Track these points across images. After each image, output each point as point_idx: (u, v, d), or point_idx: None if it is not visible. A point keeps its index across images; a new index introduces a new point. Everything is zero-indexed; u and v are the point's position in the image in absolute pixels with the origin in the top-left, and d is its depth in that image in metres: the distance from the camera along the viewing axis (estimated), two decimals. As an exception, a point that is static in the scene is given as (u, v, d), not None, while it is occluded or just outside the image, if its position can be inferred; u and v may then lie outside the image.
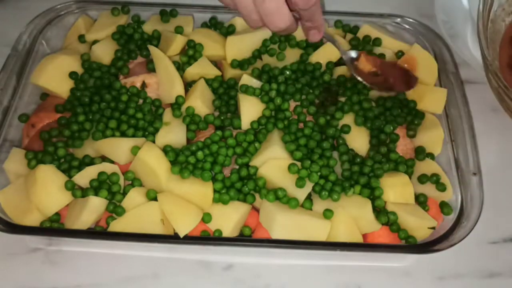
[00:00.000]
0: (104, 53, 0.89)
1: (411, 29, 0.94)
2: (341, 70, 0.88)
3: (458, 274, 0.77)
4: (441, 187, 0.77)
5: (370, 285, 0.75)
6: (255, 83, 0.85)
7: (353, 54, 0.86)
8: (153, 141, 0.79)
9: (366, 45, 0.91)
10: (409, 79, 0.85)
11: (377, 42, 0.91)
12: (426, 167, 0.80)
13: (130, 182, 0.76)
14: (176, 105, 0.82)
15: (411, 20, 0.95)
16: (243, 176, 0.76)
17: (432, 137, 0.82)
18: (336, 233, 0.72)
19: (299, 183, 0.74)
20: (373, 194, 0.75)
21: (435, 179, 0.78)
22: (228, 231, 0.72)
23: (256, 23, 0.71)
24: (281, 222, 0.71)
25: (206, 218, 0.73)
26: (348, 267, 0.76)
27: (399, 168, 0.78)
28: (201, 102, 0.82)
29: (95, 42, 0.91)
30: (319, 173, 0.76)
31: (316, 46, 0.90)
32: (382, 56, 0.90)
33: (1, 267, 0.75)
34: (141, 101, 0.84)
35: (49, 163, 0.76)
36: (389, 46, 0.92)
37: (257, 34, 0.91)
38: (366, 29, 0.93)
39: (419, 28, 0.94)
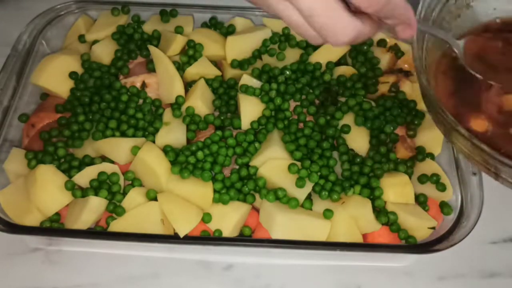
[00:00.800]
0: (104, 53, 0.89)
1: (411, 29, 0.94)
2: (341, 70, 0.88)
3: (458, 274, 0.77)
4: (441, 187, 0.77)
5: (370, 285, 0.75)
6: (255, 83, 0.85)
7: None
8: (153, 141, 0.79)
9: (364, 45, 0.91)
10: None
11: (382, 43, 0.91)
12: (426, 167, 0.80)
13: (130, 182, 0.76)
14: (176, 105, 0.82)
15: (411, 20, 0.94)
16: (243, 176, 0.76)
17: (432, 137, 0.82)
18: (336, 233, 0.72)
19: (299, 183, 0.74)
20: (373, 194, 0.75)
21: (435, 179, 0.78)
22: (228, 231, 0.72)
23: (317, 39, 0.56)
24: (281, 222, 0.71)
25: (206, 218, 0.73)
26: (348, 267, 0.76)
27: (399, 168, 0.78)
28: (201, 102, 0.82)
29: (95, 42, 0.91)
30: (319, 173, 0.76)
31: (316, 46, 0.90)
32: (372, 56, 0.89)
33: (1, 267, 0.75)
34: (141, 101, 0.84)
35: (49, 163, 0.76)
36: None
37: (257, 34, 0.91)
38: (366, 29, 0.93)
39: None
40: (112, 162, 0.78)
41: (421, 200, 0.76)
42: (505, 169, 0.63)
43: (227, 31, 0.93)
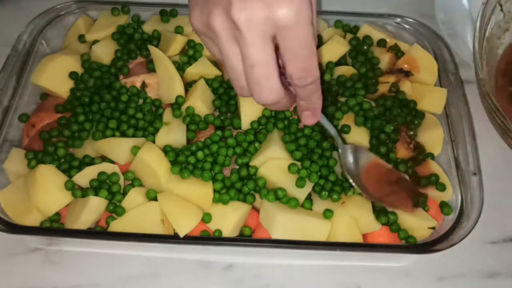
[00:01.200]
0: (104, 53, 0.89)
1: (411, 29, 0.94)
2: (341, 70, 0.88)
3: (458, 274, 0.77)
4: (441, 187, 0.77)
5: (370, 285, 0.75)
6: (255, 83, 0.85)
7: (354, 157, 0.74)
8: (153, 141, 0.79)
9: (364, 45, 0.91)
10: (415, 195, 0.75)
11: (382, 43, 0.91)
12: (426, 167, 0.80)
13: (130, 182, 0.76)
14: (176, 105, 0.82)
15: (411, 20, 0.95)
16: (243, 176, 0.76)
17: (432, 137, 0.82)
18: (336, 233, 0.72)
19: (299, 183, 0.74)
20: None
21: (434, 179, 0.78)
22: (228, 231, 0.72)
23: (244, 91, 0.61)
24: (281, 222, 0.71)
25: (206, 218, 0.73)
26: (348, 267, 0.76)
27: (399, 168, 0.78)
28: (201, 102, 0.82)
29: (95, 42, 0.91)
30: (319, 173, 0.76)
31: (316, 46, 0.90)
32: (372, 56, 0.90)
33: (1, 267, 0.75)
34: (141, 101, 0.84)
35: (49, 163, 0.76)
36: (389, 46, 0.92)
37: (257, 34, 0.91)
38: (366, 29, 0.93)
39: (419, 28, 0.94)
40: (112, 162, 0.78)
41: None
42: None
43: (227, 31, 0.93)
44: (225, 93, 0.85)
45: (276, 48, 0.57)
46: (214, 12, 0.55)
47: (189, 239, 0.71)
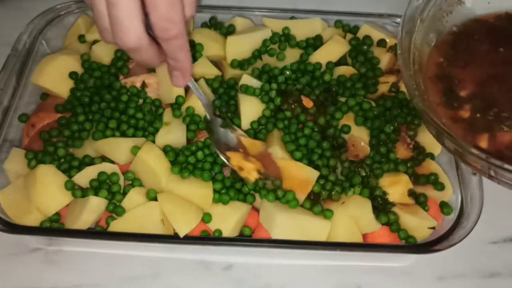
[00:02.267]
0: (104, 53, 0.89)
1: (411, 29, 0.94)
2: (341, 70, 0.88)
3: (458, 274, 0.77)
4: (440, 187, 0.77)
5: (370, 285, 0.75)
6: (255, 83, 0.85)
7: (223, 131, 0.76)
8: (153, 141, 0.79)
9: (364, 45, 0.91)
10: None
11: (382, 43, 0.91)
12: (426, 167, 0.80)
13: (130, 182, 0.76)
14: (176, 105, 0.82)
15: (411, 20, 0.94)
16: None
17: (432, 137, 0.82)
18: (336, 233, 0.73)
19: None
20: (373, 194, 0.75)
21: (433, 178, 0.78)
22: (228, 231, 0.72)
23: (107, 34, 0.59)
24: (281, 222, 0.71)
25: (206, 218, 0.73)
26: (348, 267, 0.76)
27: (399, 168, 0.78)
28: (201, 102, 0.82)
29: (95, 42, 0.91)
30: (319, 173, 0.76)
31: (316, 46, 0.90)
32: (372, 56, 0.90)
33: (1, 267, 0.75)
34: (141, 101, 0.84)
35: (49, 163, 0.76)
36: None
37: (257, 34, 0.91)
38: (366, 29, 0.93)
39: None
40: (112, 162, 0.78)
41: (421, 200, 0.76)
42: (500, 171, 0.64)
43: (227, 31, 0.93)
44: (225, 93, 0.86)
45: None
46: None
47: (189, 239, 0.71)
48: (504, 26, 0.81)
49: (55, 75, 0.85)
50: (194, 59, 0.87)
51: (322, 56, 0.89)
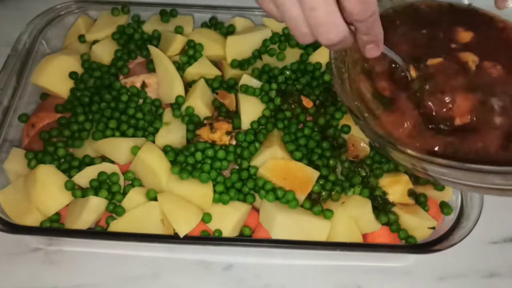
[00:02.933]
0: (104, 53, 0.89)
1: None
2: (341, 70, 0.88)
3: (458, 274, 0.77)
4: (441, 187, 0.77)
5: (370, 285, 0.75)
6: (255, 83, 0.85)
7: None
8: (153, 141, 0.79)
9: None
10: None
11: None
12: (426, 167, 0.80)
13: (130, 182, 0.76)
14: (176, 105, 0.82)
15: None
16: (243, 176, 0.76)
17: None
18: (336, 233, 0.73)
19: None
20: (373, 194, 0.75)
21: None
22: (228, 231, 0.72)
23: (306, 37, 0.60)
24: (281, 222, 0.71)
25: (206, 218, 0.73)
26: (348, 267, 0.76)
27: (399, 168, 0.78)
28: (201, 102, 0.82)
29: (95, 42, 0.91)
30: (319, 173, 0.76)
31: (316, 46, 0.90)
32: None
33: (1, 267, 0.75)
34: (141, 101, 0.84)
35: (49, 163, 0.76)
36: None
37: (257, 34, 0.91)
38: (366, 29, 0.93)
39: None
40: (112, 162, 0.78)
41: (421, 200, 0.76)
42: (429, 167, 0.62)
43: (227, 31, 0.93)
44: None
45: None
46: None
47: (189, 239, 0.71)
48: (434, 16, 0.77)
49: (55, 75, 0.85)
50: (194, 59, 0.87)
51: (322, 56, 0.89)
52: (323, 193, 0.75)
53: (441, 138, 0.63)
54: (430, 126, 0.64)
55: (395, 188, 0.76)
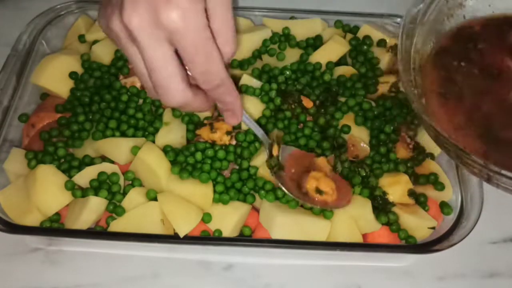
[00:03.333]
0: (104, 53, 0.89)
1: (411, 29, 0.94)
2: (341, 70, 0.88)
3: (458, 274, 0.77)
4: (440, 186, 0.77)
5: (370, 285, 0.75)
6: (255, 83, 0.85)
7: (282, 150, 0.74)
8: (153, 141, 0.79)
9: (364, 45, 0.91)
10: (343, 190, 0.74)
11: (382, 43, 0.91)
12: (426, 167, 0.80)
13: (130, 182, 0.76)
14: (176, 105, 0.82)
15: (411, 20, 0.94)
16: (243, 176, 0.76)
17: (432, 137, 0.82)
18: (336, 233, 0.72)
19: (299, 183, 0.74)
20: (373, 194, 0.75)
21: (433, 178, 0.78)
22: (228, 231, 0.72)
23: (152, 92, 0.60)
24: (281, 222, 0.71)
25: (206, 218, 0.73)
26: (348, 267, 0.76)
27: (399, 168, 0.78)
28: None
29: (95, 42, 0.91)
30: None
31: (316, 46, 0.90)
32: (372, 56, 0.89)
33: (1, 267, 0.75)
34: (141, 101, 0.84)
35: (49, 163, 0.76)
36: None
37: (257, 34, 0.91)
38: (366, 29, 0.93)
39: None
40: (112, 162, 0.78)
41: (421, 200, 0.76)
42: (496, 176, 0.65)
43: (227, 31, 0.93)
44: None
45: None
46: (112, 15, 0.55)
47: (189, 239, 0.71)
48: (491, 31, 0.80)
49: (55, 75, 0.85)
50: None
51: (322, 56, 0.89)
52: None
53: None
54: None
55: (395, 188, 0.76)
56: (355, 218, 0.73)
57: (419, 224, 0.74)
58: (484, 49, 0.77)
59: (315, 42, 0.91)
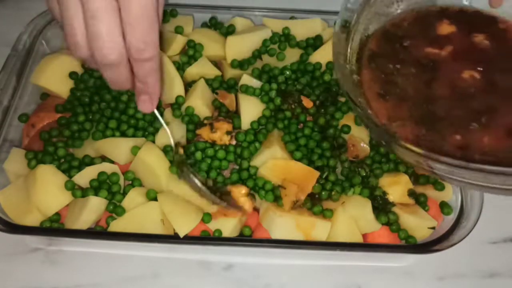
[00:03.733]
0: (104, 53, 0.89)
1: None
2: (341, 70, 0.88)
3: (458, 274, 0.77)
4: (440, 186, 0.77)
5: (370, 285, 0.75)
6: (255, 83, 0.85)
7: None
8: (153, 141, 0.79)
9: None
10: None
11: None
12: (426, 167, 0.80)
13: (130, 182, 0.76)
14: (176, 105, 0.82)
15: (411, 20, 0.94)
16: (243, 176, 0.76)
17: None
18: (336, 233, 0.73)
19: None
20: (373, 194, 0.75)
21: (434, 179, 0.78)
22: (228, 231, 0.72)
23: (81, 49, 0.56)
24: (281, 222, 0.71)
25: (206, 218, 0.73)
26: (348, 267, 0.76)
27: (399, 168, 0.78)
28: (201, 102, 0.82)
29: (95, 42, 0.91)
30: (319, 173, 0.76)
31: (316, 46, 0.90)
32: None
33: (1, 267, 0.75)
34: (141, 101, 0.84)
35: (49, 163, 0.76)
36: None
37: (257, 34, 0.91)
38: (366, 29, 0.93)
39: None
40: (112, 162, 0.78)
41: (421, 200, 0.76)
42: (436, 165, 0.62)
43: (227, 31, 0.93)
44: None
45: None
46: None
47: (189, 239, 0.71)
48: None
49: (55, 75, 0.85)
50: (194, 59, 0.87)
51: (322, 56, 0.89)
52: (323, 193, 0.75)
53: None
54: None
55: (395, 188, 0.76)
56: (355, 218, 0.73)
57: (419, 224, 0.74)
58: (410, 46, 0.76)
59: (315, 42, 0.91)
